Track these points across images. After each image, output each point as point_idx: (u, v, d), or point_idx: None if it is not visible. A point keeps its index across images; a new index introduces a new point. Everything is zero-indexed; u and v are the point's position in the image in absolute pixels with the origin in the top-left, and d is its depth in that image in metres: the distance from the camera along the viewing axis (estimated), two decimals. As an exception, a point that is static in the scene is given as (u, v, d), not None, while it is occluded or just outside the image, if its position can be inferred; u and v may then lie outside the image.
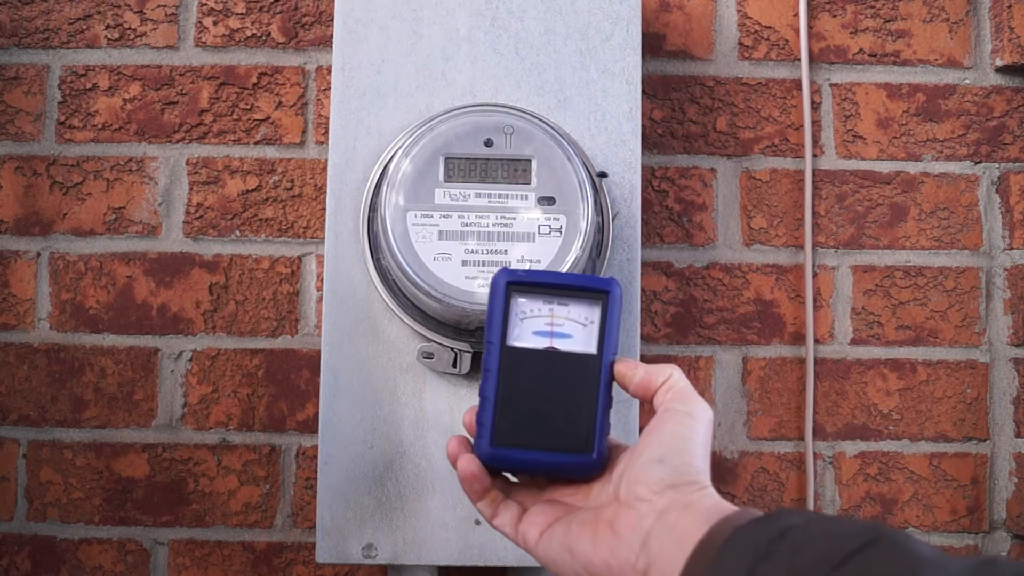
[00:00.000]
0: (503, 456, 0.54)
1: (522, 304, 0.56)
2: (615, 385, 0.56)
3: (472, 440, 0.55)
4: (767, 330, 0.94)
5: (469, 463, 0.54)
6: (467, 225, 0.74)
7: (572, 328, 0.56)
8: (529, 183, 0.75)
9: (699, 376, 0.94)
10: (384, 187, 0.75)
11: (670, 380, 0.53)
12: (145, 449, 0.92)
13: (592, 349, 0.55)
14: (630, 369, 0.55)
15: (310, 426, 0.92)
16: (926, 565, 0.39)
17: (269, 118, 0.94)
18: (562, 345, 0.55)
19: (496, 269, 0.70)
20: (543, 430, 0.54)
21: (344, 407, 0.78)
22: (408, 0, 0.81)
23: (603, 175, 0.77)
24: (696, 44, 0.96)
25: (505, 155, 0.76)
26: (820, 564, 0.40)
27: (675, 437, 0.51)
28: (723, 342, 0.94)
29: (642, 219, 0.92)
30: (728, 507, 0.47)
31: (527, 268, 0.66)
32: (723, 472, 0.93)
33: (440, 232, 0.74)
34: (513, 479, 0.57)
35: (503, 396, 0.54)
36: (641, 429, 0.66)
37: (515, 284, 0.56)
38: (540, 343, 0.55)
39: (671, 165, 0.95)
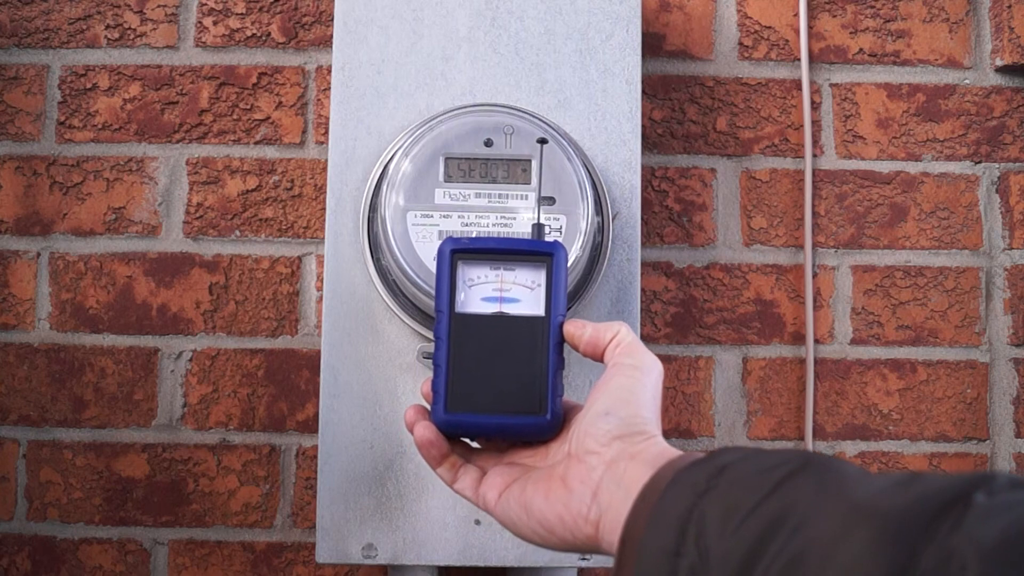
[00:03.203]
0: (458, 421, 0.55)
1: (469, 271, 0.57)
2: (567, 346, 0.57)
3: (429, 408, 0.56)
4: (767, 330, 0.94)
5: (425, 429, 0.55)
6: (467, 225, 0.74)
7: (520, 292, 0.57)
8: (529, 183, 0.75)
9: (699, 376, 0.94)
10: (384, 187, 0.75)
11: (618, 336, 0.54)
12: (145, 449, 0.92)
13: (540, 311, 0.56)
14: (578, 328, 0.55)
15: (310, 426, 0.92)
16: (851, 482, 0.40)
17: (269, 118, 0.94)
18: (511, 309, 0.56)
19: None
20: (496, 394, 0.55)
21: (344, 407, 0.78)
22: (408, 0, 0.81)
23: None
24: (696, 44, 0.96)
25: (505, 155, 0.76)
26: (753, 493, 0.41)
27: (621, 389, 0.51)
28: (723, 342, 0.94)
29: (642, 219, 0.92)
30: (673, 452, 0.48)
31: (472, 235, 0.66)
32: (723, 472, 0.93)
33: (440, 232, 0.74)
34: (474, 445, 0.58)
35: (455, 362, 0.55)
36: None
37: (460, 252, 0.57)
38: (489, 308, 0.56)
39: (671, 165, 0.95)
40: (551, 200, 0.75)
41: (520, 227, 0.74)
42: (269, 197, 0.94)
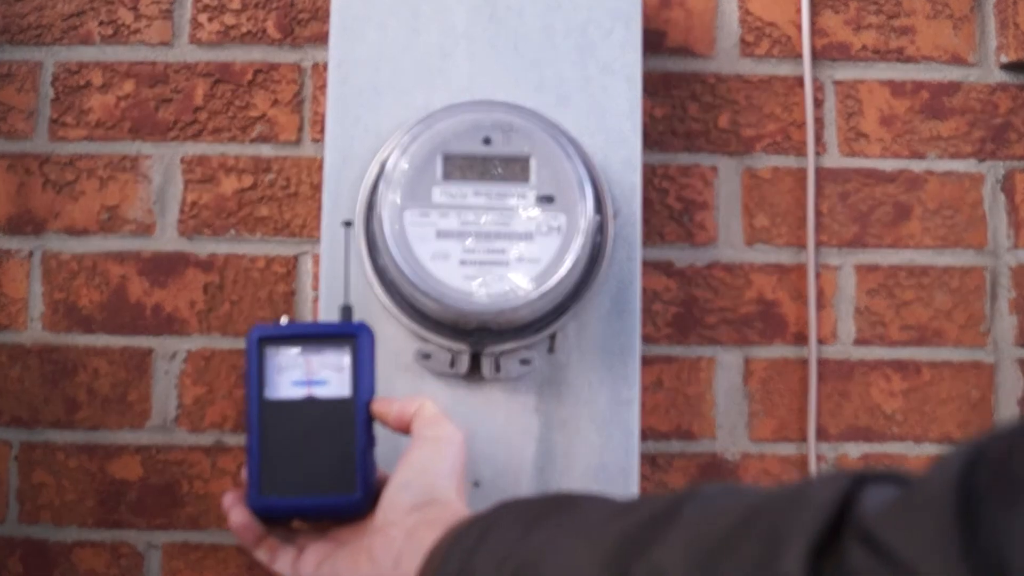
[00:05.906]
0: (272, 505, 0.57)
1: (277, 357, 0.59)
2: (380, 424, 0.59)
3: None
4: (769, 330, 0.93)
5: (238, 515, 0.57)
6: (465, 224, 0.73)
7: (328, 374, 0.59)
8: (528, 181, 0.74)
9: (700, 377, 0.93)
10: (381, 185, 0.74)
11: (421, 410, 0.58)
12: (139, 451, 0.91)
13: (347, 392, 0.58)
14: (385, 406, 0.59)
15: (306, 428, 0.91)
16: (588, 514, 0.44)
17: (265, 116, 0.94)
18: (320, 392, 0.58)
19: (495, 268, 0.71)
20: (308, 475, 0.57)
21: (340, 409, 0.77)
22: (405, -5, 0.80)
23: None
24: (697, 41, 0.95)
25: (504, 153, 0.75)
26: (509, 542, 0.45)
27: (420, 461, 0.55)
28: (724, 342, 0.93)
29: (643, 218, 0.91)
30: (466, 515, 0.52)
31: (281, 323, 0.65)
32: (725, 474, 0.92)
33: (438, 231, 0.73)
34: (298, 526, 0.60)
35: (266, 447, 0.57)
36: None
37: (266, 339, 0.59)
38: (299, 392, 0.58)
39: (672, 163, 0.94)
40: (550, 199, 0.74)
41: (518, 225, 0.73)
42: (264, 196, 0.93)
